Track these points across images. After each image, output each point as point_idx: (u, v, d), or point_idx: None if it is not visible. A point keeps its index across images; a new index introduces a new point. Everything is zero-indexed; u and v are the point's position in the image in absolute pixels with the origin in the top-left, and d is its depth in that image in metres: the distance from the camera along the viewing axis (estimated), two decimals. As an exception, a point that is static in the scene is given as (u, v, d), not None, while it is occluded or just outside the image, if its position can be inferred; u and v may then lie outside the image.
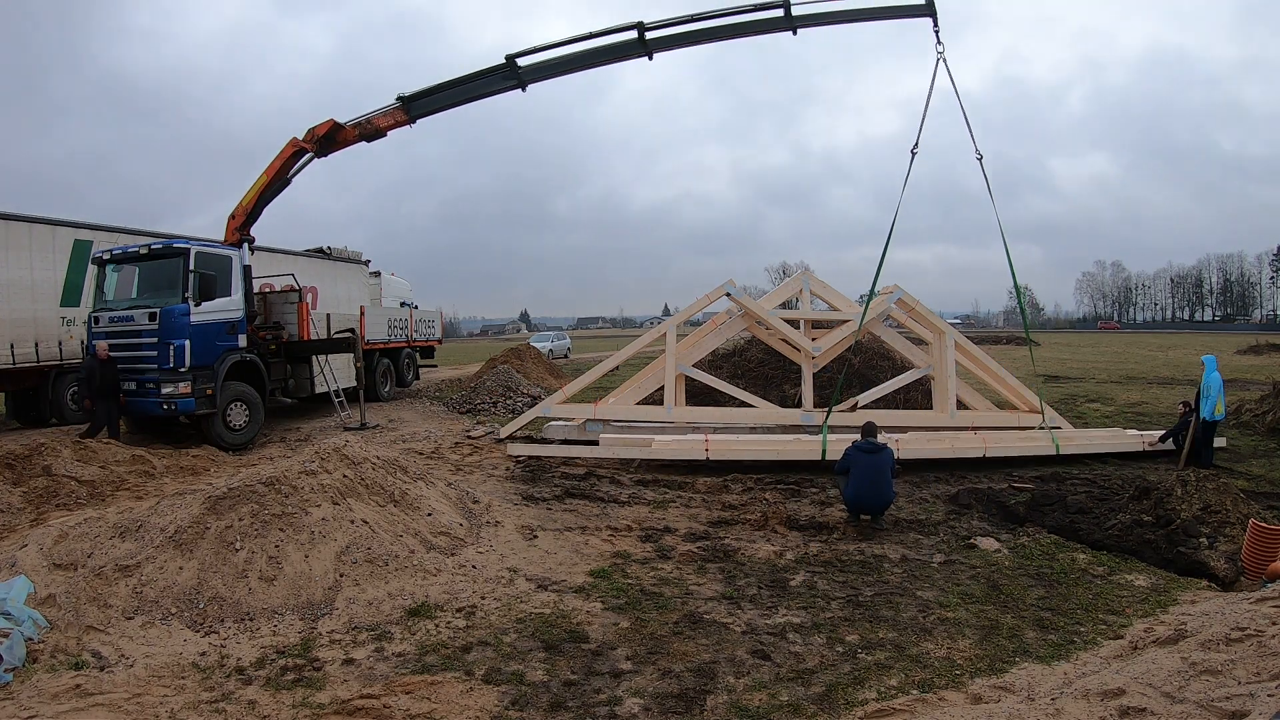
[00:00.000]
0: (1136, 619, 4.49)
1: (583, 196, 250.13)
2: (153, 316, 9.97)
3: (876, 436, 6.90)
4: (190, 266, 10.16)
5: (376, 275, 20.54)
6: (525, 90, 10.87)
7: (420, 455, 9.11)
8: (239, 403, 10.71)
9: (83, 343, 11.87)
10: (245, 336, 11.09)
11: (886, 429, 9.64)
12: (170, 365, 9.83)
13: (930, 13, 9.56)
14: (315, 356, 12.84)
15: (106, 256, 10.74)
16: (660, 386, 9.91)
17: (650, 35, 10.31)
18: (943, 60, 9.19)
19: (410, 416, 13.44)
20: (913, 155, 9.00)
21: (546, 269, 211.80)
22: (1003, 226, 9.38)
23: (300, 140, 11.16)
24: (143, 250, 10.47)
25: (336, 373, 13.03)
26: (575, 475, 8.52)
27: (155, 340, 9.93)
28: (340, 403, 12.51)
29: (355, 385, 12.65)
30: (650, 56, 10.49)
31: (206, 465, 9.26)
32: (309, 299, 13.28)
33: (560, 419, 9.99)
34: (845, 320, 10.19)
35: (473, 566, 5.39)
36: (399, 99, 10.99)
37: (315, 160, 11.43)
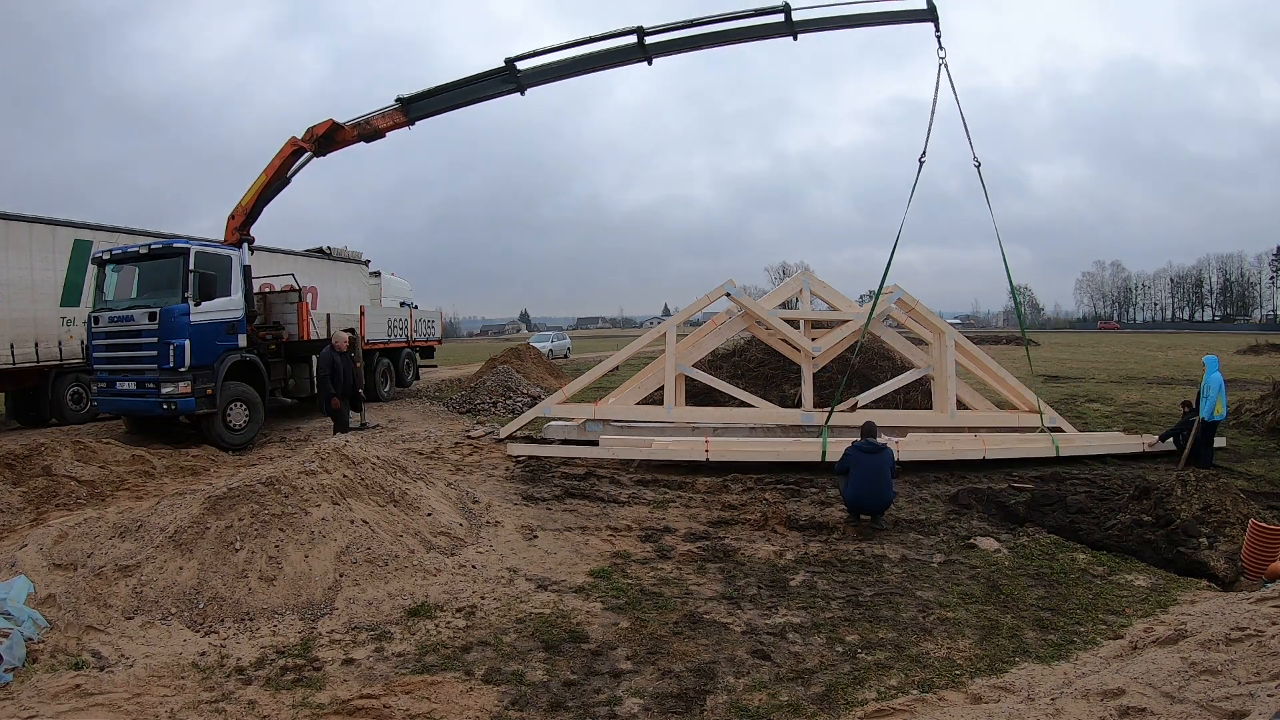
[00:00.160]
0: (1136, 619, 4.49)
1: (573, 201, 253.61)
2: (153, 316, 9.97)
3: (876, 436, 6.91)
4: (190, 266, 10.16)
5: (376, 275, 20.56)
6: (524, 94, 10.79)
7: (420, 455, 9.10)
8: (239, 403, 10.71)
9: (82, 342, 11.87)
10: (245, 336, 11.08)
11: (886, 429, 9.66)
12: (170, 365, 9.82)
13: (931, 18, 9.48)
14: (315, 356, 12.84)
15: (106, 256, 10.74)
16: (660, 386, 9.91)
17: (650, 40, 10.26)
18: (944, 66, 9.08)
19: (410, 416, 13.44)
20: (920, 164, 8.93)
21: (543, 270, 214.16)
22: (999, 232, 9.34)
23: (299, 140, 11.14)
24: (142, 250, 10.47)
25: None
26: (575, 475, 8.51)
27: (155, 340, 9.93)
28: (340, 403, 12.49)
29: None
30: (650, 61, 10.42)
31: (206, 465, 9.27)
32: (309, 299, 13.27)
33: (560, 419, 10.00)
34: (845, 320, 10.18)
35: (473, 566, 5.39)
36: (398, 100, 10.94)
37: (314, 160, 11.41)
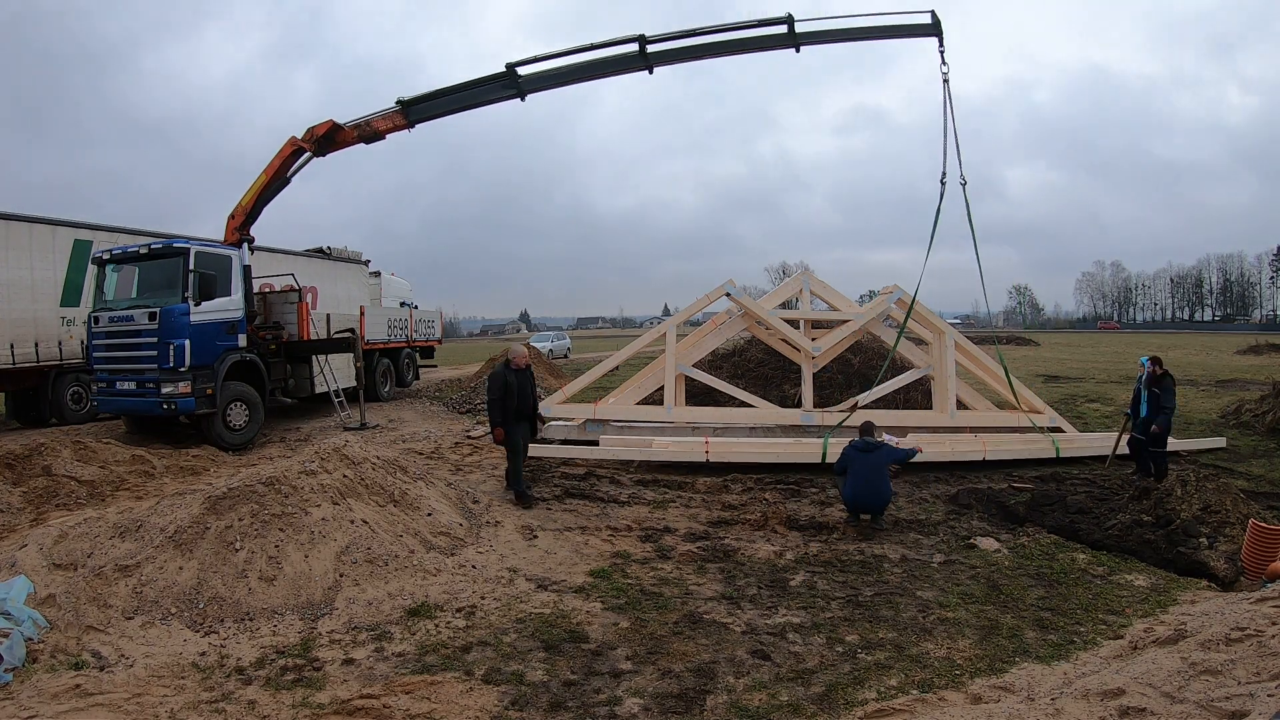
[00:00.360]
0: (1136, 619, 4.49)
1: (565, 205, 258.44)
2: (152, 316, 9.96)
3: (874, 435, 6.93)
4: (190, 266, 10.15)
5: (376, 275, 20.53)
6: (524, 100, 10.68)
7: (420, 455, 9.10)
8: (239, 403, 10.70)
9: (82, 342, 11.87)
10: (245, 336, 11.08)
11: (886, 429, 9.66)
12: (170, 365, 9.82)
13: (936, 33, 9.38)
14: (315, 356, 12.84)
15: (106, 256, 10.73)
16: (660, 386, 9.91)
17: (651, 48, 10.20)
18: (947, 82, 8.96)
19: (410, 416, 13.43)
20: (943, 185, 8.82)
21: (541, 271, 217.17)
22: (978, 247, 9.32)
23: (299, 139, 11.13)
24: (142, 250, 10.46)
25: (336, 373, 13.02)
26: (575, 475, 8.51)
27: (155, 340, 9.93)
28: (340, 403, 12.50)
29: (355, 385, 12.64)
30: (650, 70, 10.35)
31: (206, 465, 9.26)
32: (309, 299, 13.26)
33: (560, 419, 10.00)
34: (845, 320, 10.19)
35: (473, 566, 5.39)
36: (398, 102, 10.88)
37: (314, 160, 11.41)
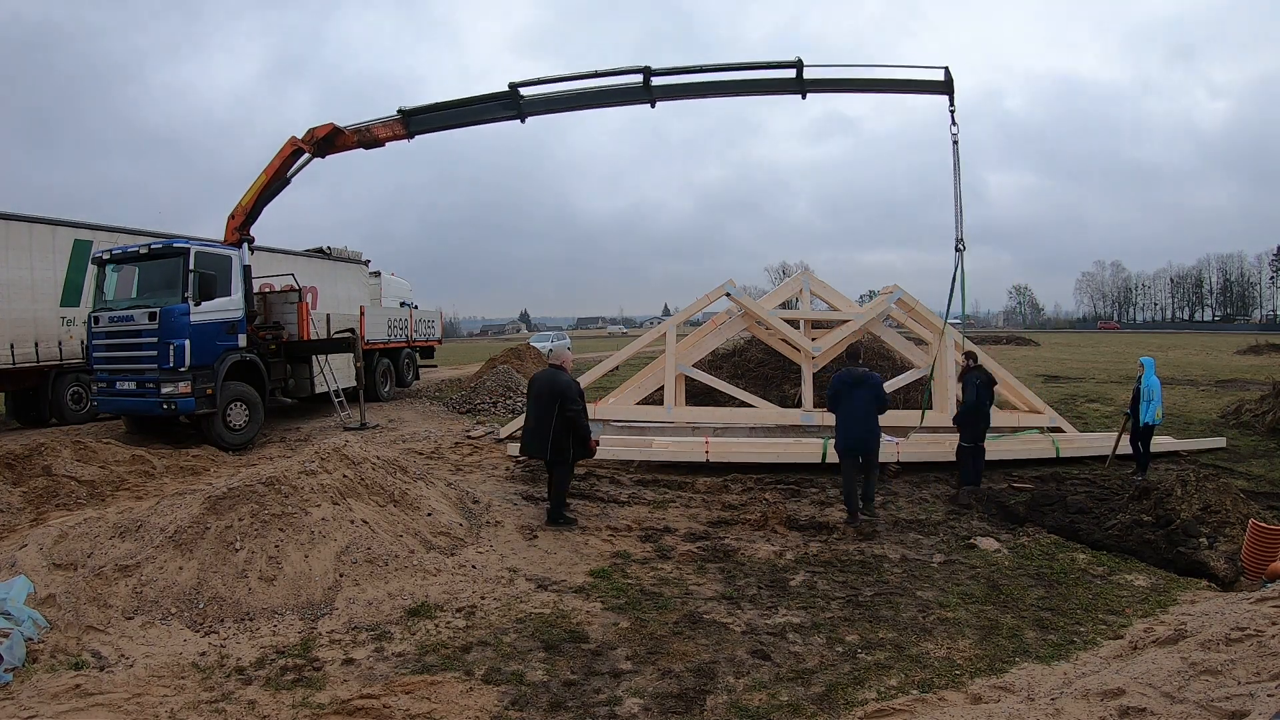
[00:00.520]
0: (1136, 619, 4.49)
1: (560, 207, 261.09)
2: (152, 316, 9.96)
3: (860, 361, 7.35)
4: (190, 266, 10.15)
5: (376, 275, 20.54)
6: (523, 121, 10.54)
7: (420, 455, 9.10)
8: (239, 403, 10.70)
9: (82, 342, 11.87)
10: (245, 336, 11.08)
11: (886, 429, 9.65)
12: (170, 365, 9.82)
13: (948, 91, 9.15)
14: (315, 356, 12.84)
15: (106, 256, 10.74)
16: (660, 386, 9.91)
17: (656, 81, 10.07)
18: (956, 143, 8.80)
19: (410, 416, 13.43)
20: (958, 250, 8.56)
21: (539, 272, 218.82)
22: (964, 306, 9.27)
23: (299, 140, 11.13)
24: (142, 250, 10.46)
25: (336, 373, 13.02)
26: (575, 475, 8.49)
27: (155, 340, 9.93)
28: (340, 403, 12.50)
29: (355, 385, 12.65)
30: (653, 104, 10.21)
31: (206, 465, 9.26)
32: (309, 299, 13.26)
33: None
34: (845, 320, 10.18)
35: (473, 566, 5.39)
36: (400, 112, 10.82)
37: (314, 161, 11.41)
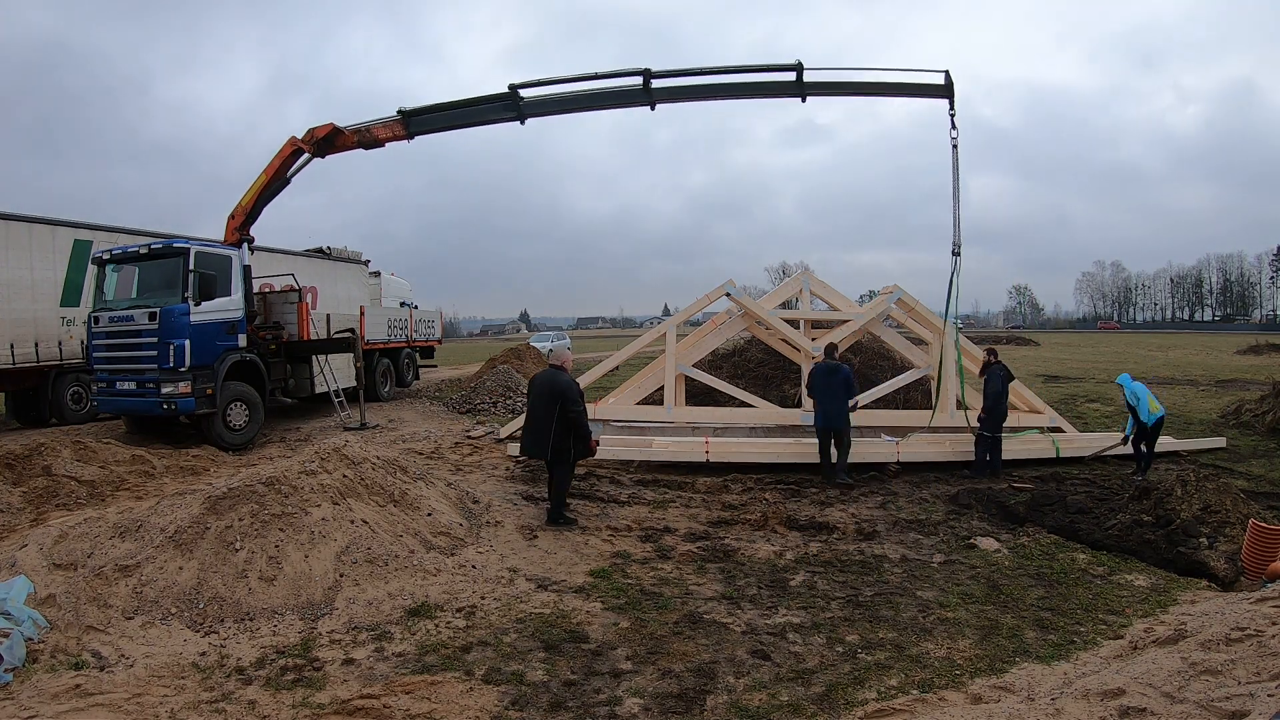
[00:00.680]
0: (1136, 619, 4.49)
1: (556, 210, 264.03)
2: (152, 316, 9.96)
3: (835, 356, 8.45)
4: (190, 266, 10.15)
5: (376, 275, 20.54)
6: (523, 123, 10.55)
7: (420, 455, 9.10)
8: (239, 403, 10.70)
9: (82, 342, 11.87)
10: (245, 336, 11.08)
11: (886, 429, 9.66)
12: (170, 365, 9.82)
13: (948, 95, 9.15)
14: (315, 356, 12.84)
15: (106, 256, 10.73)
16: (660, 386, 9.91)
17: (656, 84, 10.05)
18: (956, 147, 8.83)
19: (410, 416, 13.43)
20: (955, 256, 8.67)
21: (537, 273, 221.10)
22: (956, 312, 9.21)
23: (299, 140, 11.12)
24: (142, 250, 10.46)
25: (336, 373, 13.02)
26: (575, 475, 8.49)
27: (155, 340, 9.93)
28: (340, 403, 12.50)
29: (355, 385, 12.65)
30: (653, 107, 10.19)
31: (206, 465, 9.26)
32: (309, 299, 13.26)
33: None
34: (845, 320, 10.18)
35: (473, 566, 5.39)
36: (400, 112, 10.80)
37: (314, 161, 11.40)
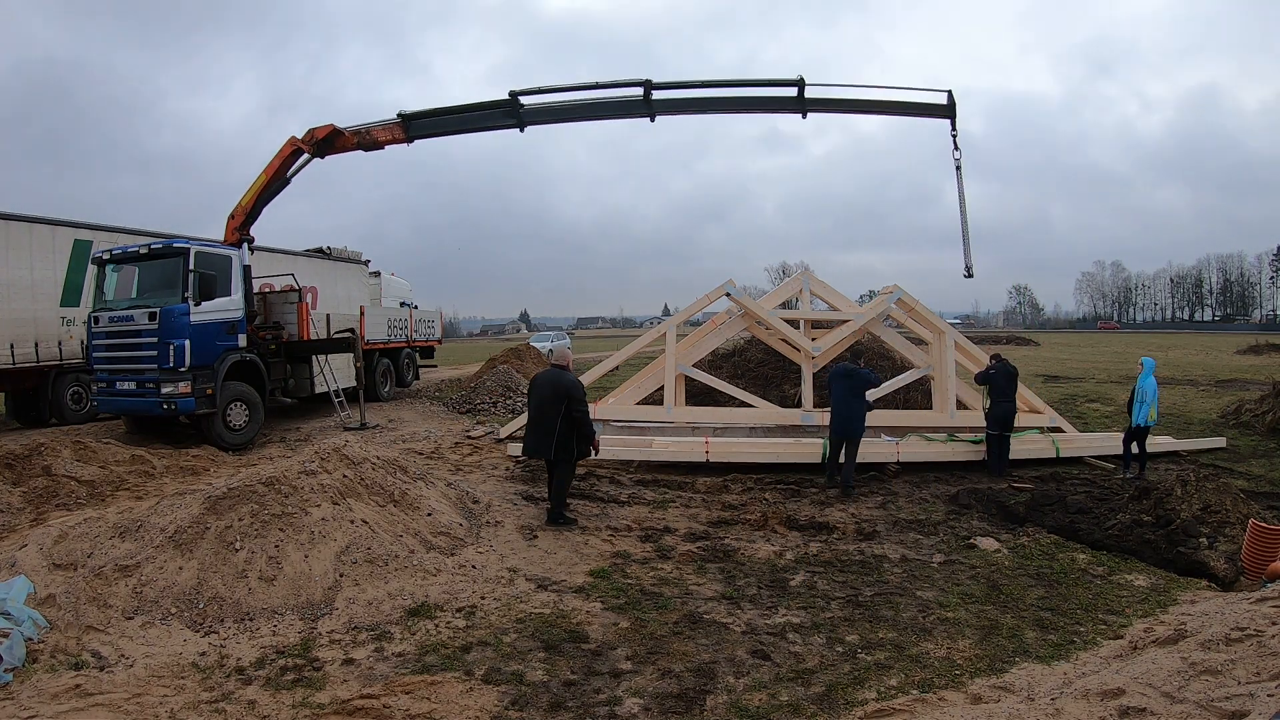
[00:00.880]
0: (1136, 619, 4.49)
1: (552, 213, 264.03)
2: (152, 316, 9.96)
3: (858, 360, 8.46)
4: (190, 266, 10.15)
5: (376, 275, 20.54)
6: (523, 130, 10.55)
7: (420, 455, 9.10)
8: (239, 403, 10.70)
9: (82, 342, 11.87)
10: (245, 336, 11.08)
11: (886, 429, 9.66)
12: (170, 365, 9.82)
13: (950, 115, 9.17)
14: (315, 356, 12.84)
15: (106, 256, 10.73)
16: (660, 386, 9.90)
17: (656, 95, 10.07)
18: (959, 168, 8.94)
19: (410, 416, 13.43)
20: (967, 273, 8.86)
21: (536, 273, 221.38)
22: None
23: (299, 140, 11.12)
24: (142, 250, 10.46)
25: (336, 373, 13.02)
26: (575, 475, 8.50)
27: (155, 340, 9.92)
28: (340, 403, 12.50)
29: (355, 385, 12.65)
30: (653, 118, 10.22)
31: (206, 465, 9.25)
32: (309, 299, 13.26)
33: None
34: (845, 320, 10.18)
35: (473, 566, 5.39)
36: (400, 116, 10.78)
37: (314, 161, 11.40)
